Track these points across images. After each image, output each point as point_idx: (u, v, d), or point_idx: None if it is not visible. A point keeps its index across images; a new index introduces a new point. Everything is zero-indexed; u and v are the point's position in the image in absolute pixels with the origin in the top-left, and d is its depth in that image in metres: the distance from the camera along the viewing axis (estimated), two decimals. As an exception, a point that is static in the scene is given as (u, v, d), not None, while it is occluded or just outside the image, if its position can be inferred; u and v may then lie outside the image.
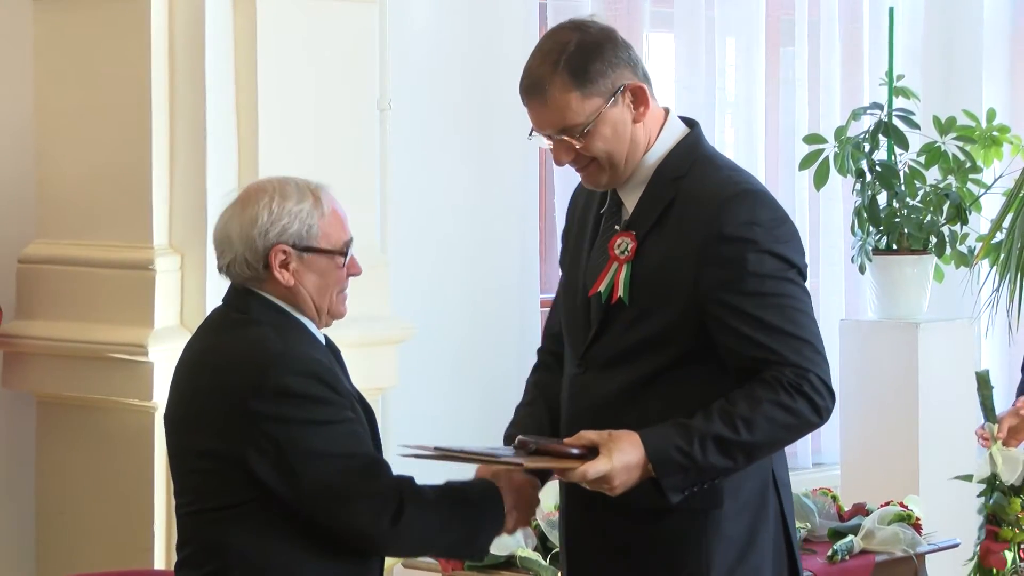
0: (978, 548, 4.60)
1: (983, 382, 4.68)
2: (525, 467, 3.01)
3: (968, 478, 4.77)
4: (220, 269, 3.20)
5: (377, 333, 4.82)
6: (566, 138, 3.07)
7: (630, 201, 3.14)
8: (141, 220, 4.56)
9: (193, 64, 4.55)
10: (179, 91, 4.56)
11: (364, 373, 4.59)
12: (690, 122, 3.18)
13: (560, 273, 3.36)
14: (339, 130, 4.78)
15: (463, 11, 5.58)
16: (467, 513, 3.18)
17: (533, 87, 3.07)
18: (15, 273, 4.80)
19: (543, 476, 3.27)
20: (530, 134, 3.15)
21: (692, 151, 3.13)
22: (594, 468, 2.93)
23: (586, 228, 3.23)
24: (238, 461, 3.07)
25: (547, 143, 3.12)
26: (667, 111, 3.16)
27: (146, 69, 4.53)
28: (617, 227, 3.14)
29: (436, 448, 3.10)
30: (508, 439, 3.27)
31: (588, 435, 2.98)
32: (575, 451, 2.96)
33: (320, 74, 4.73)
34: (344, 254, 3.19)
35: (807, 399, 3.01)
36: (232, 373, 3.09)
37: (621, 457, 2.94)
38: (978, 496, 4.66)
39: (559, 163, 3.13)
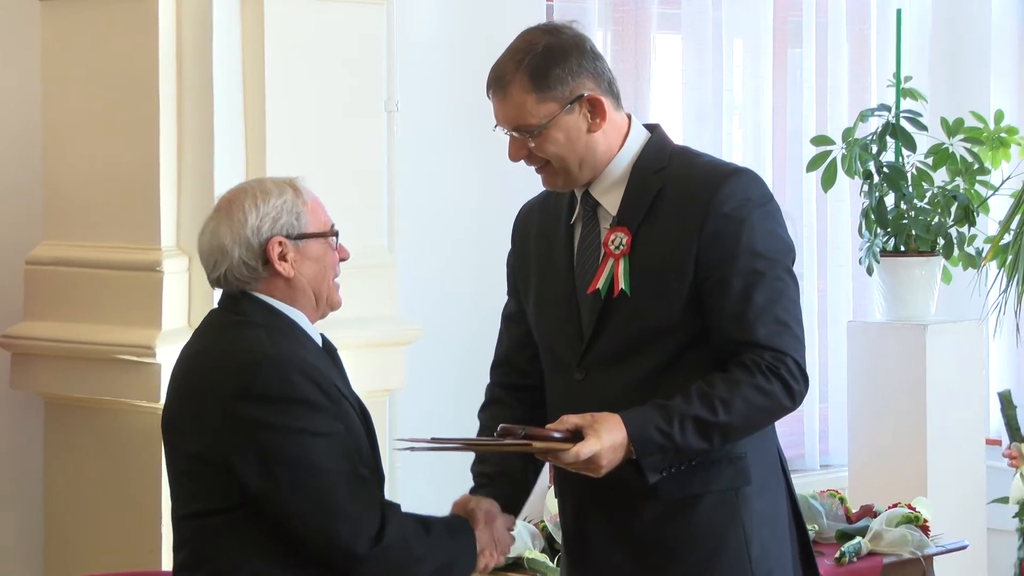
0: (1020, 569, 4.60)
1: (1007, 402, 4.68)
2: (534, 447, 3.05)
3: (1004, 500, 4.77)
4: (214, 282, 3.19)
5: (384, 335, 4.82)
6: (519, 136, 3.14)
7: (610, 201, 3.19)
8: (149, 221, 4.55)
9: (201, 65, 4.55)
10: (187, 93, 4.56)
11: (371, 375, 4.59)
12: (652, 126, 3.26)
13: (507, 300, 3.46)
14: (346, 132, 4.78)
15: (470, 12, 5.58)
16: (445, 547, 3.16)
17: (495, 81, 3.16)
18: (23, 274, 4.80)
19: (515, 505, 3.33)
20: (494, 127, 3.21)
21: (664, 145, 3.23)
22: (586, 448, 2.99)
23: (555, 242, 3.27)
24: (224, 465, 3.05)
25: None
26: (630, 116, 3.23)
27: (154, 71, 4.53)
28: (606, 227, 3.18)
29: (432, 439, 3.13)
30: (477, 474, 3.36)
31: (571, 419, 3.04)
32: (558, 435, 3.02)
33: (327, 76, 4.73)
34: (335, 235, 3.22)
35: (782, 382, 3.08)
36: (219, 376, 3.08)
37: (608, 437, 3.00)
38: (1013, 517, 4.66)
39: (513, 159, 3.19)
